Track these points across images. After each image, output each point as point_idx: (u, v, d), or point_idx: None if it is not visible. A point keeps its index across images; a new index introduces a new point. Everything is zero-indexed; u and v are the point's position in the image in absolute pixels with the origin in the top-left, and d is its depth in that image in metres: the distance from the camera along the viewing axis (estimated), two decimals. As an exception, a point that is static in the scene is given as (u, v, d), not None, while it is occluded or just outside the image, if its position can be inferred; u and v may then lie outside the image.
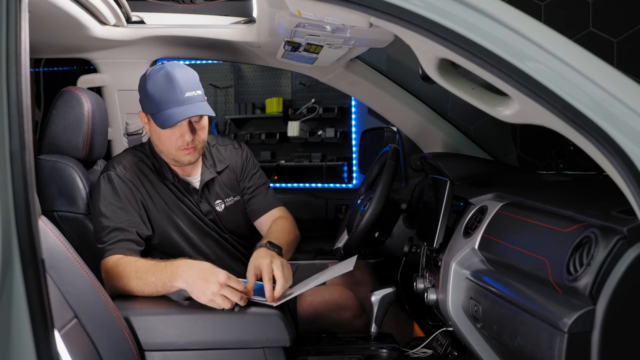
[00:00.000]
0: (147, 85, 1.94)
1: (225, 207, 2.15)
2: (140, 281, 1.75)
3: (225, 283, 1.66)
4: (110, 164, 2.02)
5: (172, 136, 1.96)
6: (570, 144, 1.51)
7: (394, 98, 2.54)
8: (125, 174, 1.97)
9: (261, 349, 1.70)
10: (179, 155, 1.99)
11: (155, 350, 1.67)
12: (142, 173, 2.02)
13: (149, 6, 2.36)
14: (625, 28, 2.87)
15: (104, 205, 1.92)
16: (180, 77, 1.92)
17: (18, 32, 1.11)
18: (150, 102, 1.94)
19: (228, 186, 2.18)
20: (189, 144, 1.96)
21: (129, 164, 2.01)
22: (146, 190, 2.00)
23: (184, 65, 1.99)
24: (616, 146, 1.06)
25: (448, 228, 1.77)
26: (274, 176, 5.41)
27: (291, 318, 1.83)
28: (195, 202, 2.08)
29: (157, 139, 2.01)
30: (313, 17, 1.64)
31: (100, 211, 1.92)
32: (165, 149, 2.00)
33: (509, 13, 1.13)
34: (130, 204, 1.94)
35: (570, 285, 1.12)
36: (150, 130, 2.02)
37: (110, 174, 1.96)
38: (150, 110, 1.96)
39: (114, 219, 1.90)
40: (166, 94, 1.90)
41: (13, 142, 1.08)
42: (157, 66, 1.98)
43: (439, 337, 1.92)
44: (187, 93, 1.92)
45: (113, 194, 1.94)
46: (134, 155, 2.06)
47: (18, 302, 1.05)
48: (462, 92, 1.27)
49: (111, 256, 1.84)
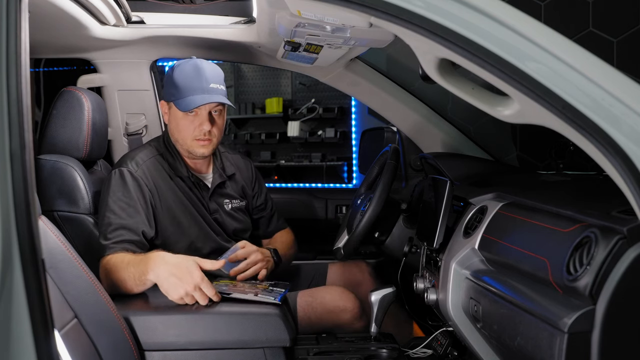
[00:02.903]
0: (174, 74, 2.02)
1: (232, 207, 2.20)
2: (124, 273, 1.76)
3: (199, 285, 1.68)
4: (124, 160, 2.04)
5: (190, 124, 2.01)
6: (570, 144, 1.51)
7: (394, 98, 2.54)
8: (137, 171, 1.99)
9: (261, 349, 1.70)
10: (194, 145, 2.03)
11: (155, 350, 1.67)
12: (155, 169, 2.04)
13: (149, 6, 2.36)
14: (625, 28, 2.86)
15: (113, 200, 1.93)
16: (208, 69, 2.02)
17: (18, 32, 1.11)
18: (175, 88, 2.00)
19: (236, 191, 2.24)
20: (205, 134, 2.01)
21: (142, 159, 2.03)
22: (156, 188, 2.01)
23: (212, 62, 2.08)
24: (616, 146, 1.06)
25: (448, 228, 1.77)
26: (274, 176, 5.41)
27: (291, 318, 1.83)
28: (205, 198, 2.12)
29: (175, 127, 2.04)
30: (313, 17, 1.64)
31: (108, 206, 1.92)
32: (182, 137, 2.04)
33: (509, 13, 1.13)
34: (138, 202, 1.95)
35: (570, 285, 1.12)
36: (170, 119, 2.07)
37: (122, 170, 1.98)
38: (173, 96, 2.01)
39: (121, 216, 1.90)
40: (192, 81, 1.98)
41: (13, 142, 1.08)
42: (186, 58, 2.06)
43: (439, 337, 1.92)
44: (212, 84, 2.01)
45: (123, 190, 1.94)
46: (149, 150, 2.09)
47: (18, 302, 1.05)
48: (462, 92, 1.27)
49: (112, 255, 1.84)
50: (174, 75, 2.01)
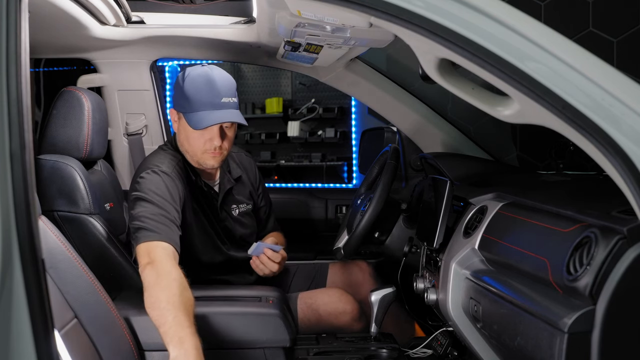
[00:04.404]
0: (184, 84, 1.94)
1: (239, 212, 2.17)
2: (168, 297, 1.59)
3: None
4: (151, 163, 1.96)
5: (200, 138, 1.95)
6: (570, 144, 1.51)
7: (394, 98, 2.53)
8: (171, 171, 1.93)
9: (261, 349, 1.70)
10: (204, 158, 1.99)
11: (155, 350, 1.67)
12: (179, 174, 1.98)
13: (149, 6, 2.36)
14: (625, 28, 2.86)
15: (151, 195, 1.83)
16: (220, 81, 1.94)
17: (18, 32, 1.11)
18: (185, 101, 1.94)
19: (243, 194, 2.21)
20: (216, 149, 1.96)
21: (171, 165, 1.97)
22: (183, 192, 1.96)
23: (223, 70, 2.00)
24: (616, 146, 1.06)
25: (448, 228, 1.77)
26: (274, 176, 5.40)
27: (291, 318, 1.83)
28: (215, 206, 2.09)
29: (185, 139, 2.00)
30: (313, 17, 1.64)
31: (146, 198, 1.82)
32: (192, 149, 1.99)
33: (509, 13, 1.13)
34: (175, 202, 1.87)
35: (570, 285, 1.12)
36: (179, 129, 2.02)
37: (155, 170, 1.90)
38: (183, 109, 1.95)
39: (163, 207, 1.81)
40: (203, 95, 1.91)
41: (13, 142, 1.08)
42: (196, 66, 1.98)
43: (439, 337, 1.92)
44: (224, 98, 1.93)
45: (163, 186, 1.86)
46: (172, 156, 2.02)
47: (18, 302, 1.05)
48: (462, 92, 1.27)
49: (160, 242, 1.72)
50: (184, 87, 1.94)
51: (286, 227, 2.43)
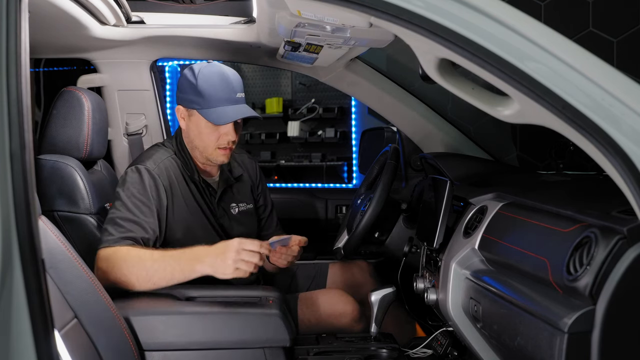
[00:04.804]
0: (197, 81, 1.95)
1: (238, 211, 2.17)
2: (156, 263, 1.73)
3: (241, 247, 1.71)
4: (140, 158, 2.01)
5: (214, 133, 1.97)
6: (570, 144, 1.51)
7: (394, 98, 2.54)
8: (154, 169, 1.94)
9: (261, 349, 1.70)
10: (215, 154, 2.00)
11: (155, 350, 1.67)
12: (171, 170, 2.00)
13: (149, 6, 2.36)
14: (625, 28, 2.87)
15: (128, 196, 1.88)
16: (232, 76, 1.99)
17: (18, 32, 1.11)
18: (199, 97, 1.95)
19: (243, 193, 2.21)
20: (229, 143, 1.99)
21: (159, 159, 1.99)
22: (171, 189, 1.97)
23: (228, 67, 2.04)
24: (616, 146, 1.06)
25: (448, 228, 1.77)
26: (274, 176, 5.40)
27: (291, 318, 1.83)
28: (213, 203, 2.09)
29: (197, 135, 2.00)
30: (313, 17, 1.64)
31: (122, 201, 1.87)
32: (203, 145, 2.00)
33: (509, 13, 1.13)
34: (153, 201, 1.90)
35: (570, 285, 1.12)
36: (190, 126, 2.02)
37: (139, 167, 1.93)
38: (198, 105, 1.96)
39: (135, 212, 1.86)
40: (219, 90, 1.94)
41: (13, 142, 1.08)
42: (201, 63, 2.01)
43: (439, 337, 1.92)
44: (239, 93, 1.98)
45: (140, 186, 1.90)
46: (165, 150, 2.05)
47: (18, 302, 1.05)
48: (462, 92, 1.27)
49: (117, 247, 1.78)
50: (198, 83, 1.95)
51: (286, 227, 2.43)
